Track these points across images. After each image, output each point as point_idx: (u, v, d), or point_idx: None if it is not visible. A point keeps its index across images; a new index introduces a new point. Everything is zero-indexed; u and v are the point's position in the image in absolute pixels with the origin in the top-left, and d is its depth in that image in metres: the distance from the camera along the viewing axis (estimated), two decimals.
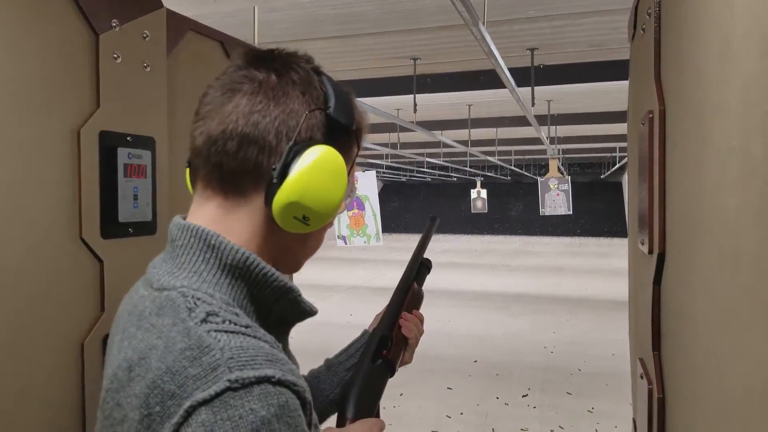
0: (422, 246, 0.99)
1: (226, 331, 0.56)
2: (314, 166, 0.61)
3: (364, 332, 0.95)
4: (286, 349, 0.68)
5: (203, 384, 0.52)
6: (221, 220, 0.63)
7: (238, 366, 0.53)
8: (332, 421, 0.84)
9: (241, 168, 0.62)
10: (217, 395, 0.51)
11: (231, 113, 0.61)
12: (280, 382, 0.54)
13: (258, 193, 0.63)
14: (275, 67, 0.63)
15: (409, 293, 0.94)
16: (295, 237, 0.66)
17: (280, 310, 0.65)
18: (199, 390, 0.52)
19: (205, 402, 0.51)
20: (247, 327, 0.58)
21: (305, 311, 0.66)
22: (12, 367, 0.79)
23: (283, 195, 0.61)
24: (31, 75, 0.82)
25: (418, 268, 0.98)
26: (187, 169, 0.69)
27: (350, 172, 0.68)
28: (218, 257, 0.61)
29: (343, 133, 0.66)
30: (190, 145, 0.65)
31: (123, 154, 0.96)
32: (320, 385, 0.90)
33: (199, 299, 0.58)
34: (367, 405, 0.84)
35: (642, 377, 0.88)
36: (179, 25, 1.14)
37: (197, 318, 0.56)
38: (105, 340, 0.93)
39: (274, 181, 0.61)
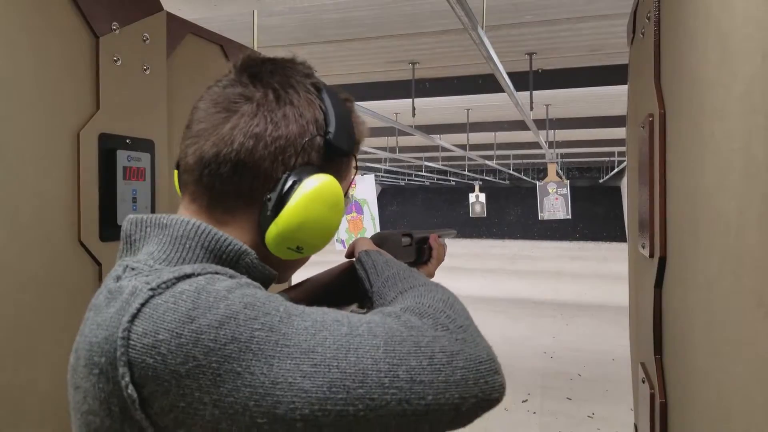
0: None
1: (144, 273, 0.53)
2: (311, 200, 0.59)
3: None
4: None
5: (127, 308, 0.49)
6: None
7: (155, 278, 0.51)
8: None
9: (234, 192, 0.60)
10: (143, 305, 0.49)
11: (226, 136, 0.58)
12: (202, 274, 0.52)
13: (248, 215, 0.61)
14: (274, 85, 0.60)
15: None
16: (285, 259, 0.64)
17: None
18: (125, 316, 0.49)
19: (134, 317, 0.48)
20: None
21: (264, 275, 0.63)
22: (12, 369, 0.78)
23: (277, 228, 0.59)
24: (32, 77, 0.81)
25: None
26: (176, 171, 0.66)
27: (349, 185, 0.68)
28: (169, 233, 0.58)
29: (342, 155, 0.63)
30: (180, 157, 0.63)
31: (122, 157, 0.95)
32: None
33: (132, 269, 0.55)
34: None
35: (644, 381, 0.88)
36: (179, 28, 1.14)
37: (122, 279, 0.54)
38: None
39: (269, 213, 0.59)
